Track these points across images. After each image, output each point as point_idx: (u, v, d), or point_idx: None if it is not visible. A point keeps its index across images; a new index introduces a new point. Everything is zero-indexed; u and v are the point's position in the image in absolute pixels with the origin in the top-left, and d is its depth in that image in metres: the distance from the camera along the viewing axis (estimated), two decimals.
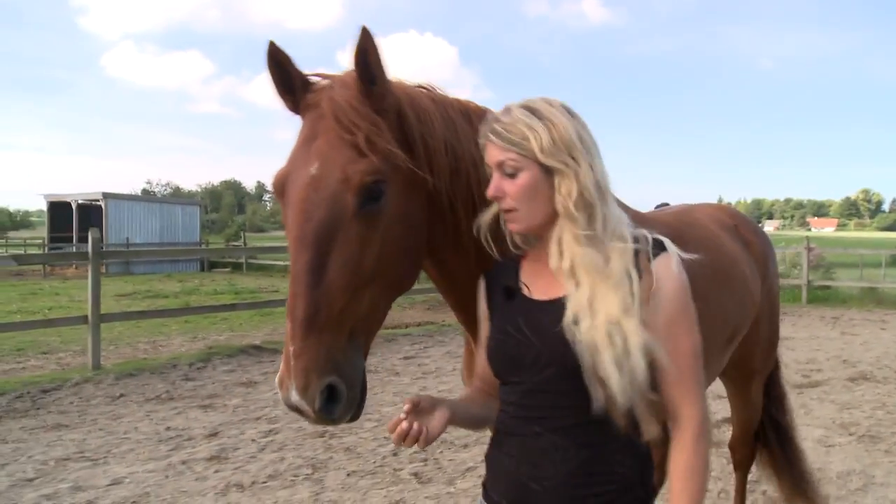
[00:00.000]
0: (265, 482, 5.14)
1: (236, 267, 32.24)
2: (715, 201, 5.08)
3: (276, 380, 1.65)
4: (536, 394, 1.67)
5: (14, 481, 5.17)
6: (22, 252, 35.49)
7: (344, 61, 1.87)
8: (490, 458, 1.80)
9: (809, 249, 18.46)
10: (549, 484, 1.63)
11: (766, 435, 3.98)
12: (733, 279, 3.09)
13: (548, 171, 1.65)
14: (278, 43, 1.79)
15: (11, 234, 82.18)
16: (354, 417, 1.72)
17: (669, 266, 1.67)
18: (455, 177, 1.92)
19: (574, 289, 1.62)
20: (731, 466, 4.31)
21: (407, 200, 1.81)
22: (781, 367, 4.07)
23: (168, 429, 6.54)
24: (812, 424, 6.70)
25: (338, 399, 1.63)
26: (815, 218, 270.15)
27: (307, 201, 1.69)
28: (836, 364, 9.84)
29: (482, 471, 2.35)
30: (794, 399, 7.47)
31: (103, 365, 9.16)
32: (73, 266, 31.61)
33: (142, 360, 9.74)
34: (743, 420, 3.90)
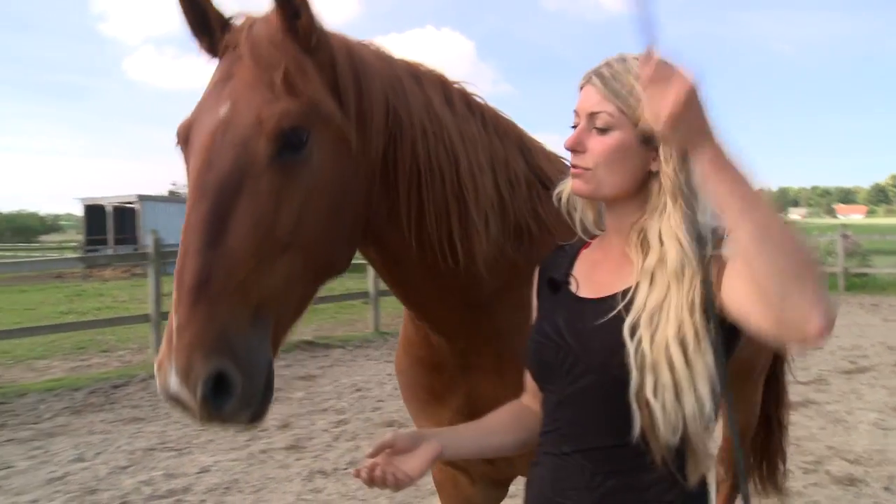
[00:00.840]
0: (346, 469, 5.40)
1: None
2: None
3: (155, 363, 1.35)
4: (568, 406, 1.46)
5: (111, 469, 5.48)
6: (73, 255, 36.28)
7: None
8: (527, 478, 1.61)
9: (845, 237, 18.44)
10: None
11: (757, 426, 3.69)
12: None
13: (646, 141, 1.41)
14: None
15: (42, 237, 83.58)
16: (256, 418, 1.42)
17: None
18: (395, 143, 1.69)
19: (646, 289, 1.38)
20: None
21: (336, 159, 1.55)
22: (788, 363, 3.84)
23: None
24: (865, 408, 6.84)
25: (229, 391, 1.31)
26: (843, 205, 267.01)
27: (212, 148, 1.43)
28: (881, 350, 9.94)
29: None
30: (844, 384, 7.70)
31: None
32: (111, 268, 32.22)
33: None
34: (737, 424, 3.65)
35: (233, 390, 1.30)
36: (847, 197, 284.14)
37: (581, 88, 1.50)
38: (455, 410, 2.06)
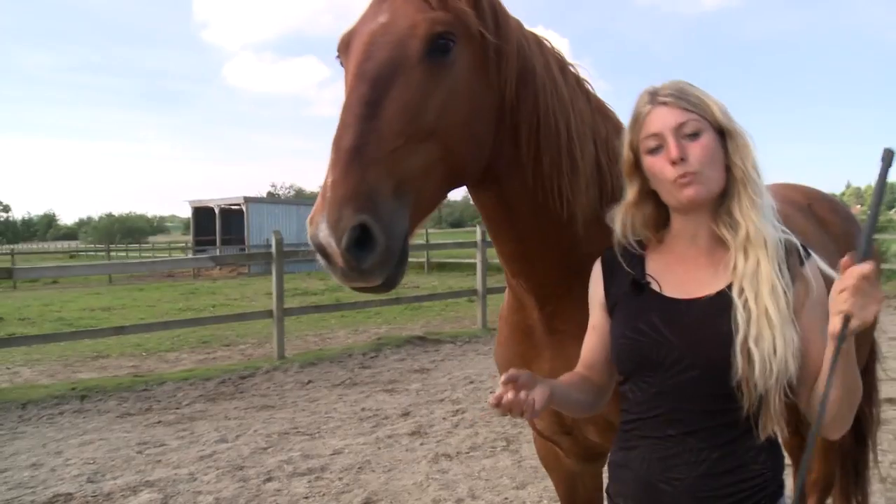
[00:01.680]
0: (468, 452, 5.76)
1: None
2: (843, 187, 4.88)
3: (308, 217, 1.48)
4: (670, 395, 1.63)
5: (252, 449, 6.01)
6: (183, 256, 38.21)
7: None
8: (614, 464, 1.78)
9: None
10: (682, 485, 1.61)
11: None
12: None
13: (721, 136, 1.63)
14: None
15: (150, 238, 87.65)
16: (388, 285, 1.54)
17: (818, 273, 1.65)
18: (522, 86, 1.86)
19: (742, 259, 1.58)
20: None
21: (476, 73, 1.74)
22: (878, 359, 3.73)
23: (364, 409, 7.29)
24: None
25: (371, 246, 1.44)
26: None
27: (371, 44, 1.63)
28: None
29: None
30: None
31: (286, 355, 10.10)
32: (219, 268, 33.78)
33: (318, 351, 10.66)
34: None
35: (373, 246, 1.44)
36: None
37: (648, 114, 1.66)
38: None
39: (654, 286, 1.70)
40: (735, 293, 1.56)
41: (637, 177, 1.73)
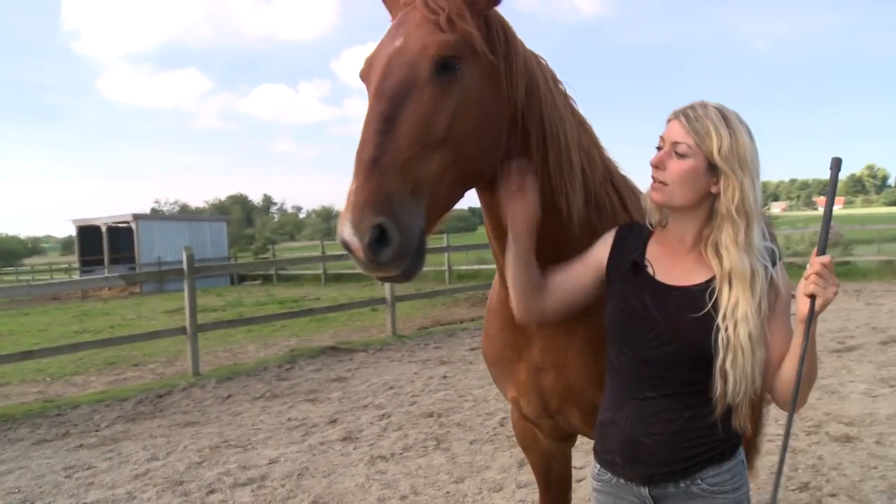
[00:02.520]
0: (402, 453, 6.02)
1: (266, 279, 33.20)
2: None
3: (338, 219, 1.73)
4: (651, 364, 1.92)
5: (187, 465, 6.07)
6: (113, 275, 36.51)
7: (338, 69, 2.12)
8: (601, 425, 2.06)
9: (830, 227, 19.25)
10: (659, 439, 1.91)
11: None
12: None
13: (712, 170, 1.86)
14: None
15: (26, 260, 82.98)
16: (407, 275, 1.78)
17: (783, 276, 1.94)
18: (530, 96, 2.10)
19: (727, 291, 1.84)
20: None
21: (484, 86, 1.96)
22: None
23: (289, 419, 7.42)
24: (856, 381, 7.54)
25: (388, 242, 1.68)
26: (822, 197, 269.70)
27: (388, 66, 1.87)
28: (866, 331, 10.68)
29: None
30: (834, 361, 8.42)
31: (201, 371, 10.05)
32: (108, 288, 32.57)
33: (233, 366, 10.63)
34: None
35: (391, 242, 1.68)
36: (826, 189, 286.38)
37: (669, 121, 1.94)
38: (530, 365, 2.52)
39: (650, 269, 1.98)
40: (719, 319, 1.84)
41: None
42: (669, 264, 1.97)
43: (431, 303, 17.80)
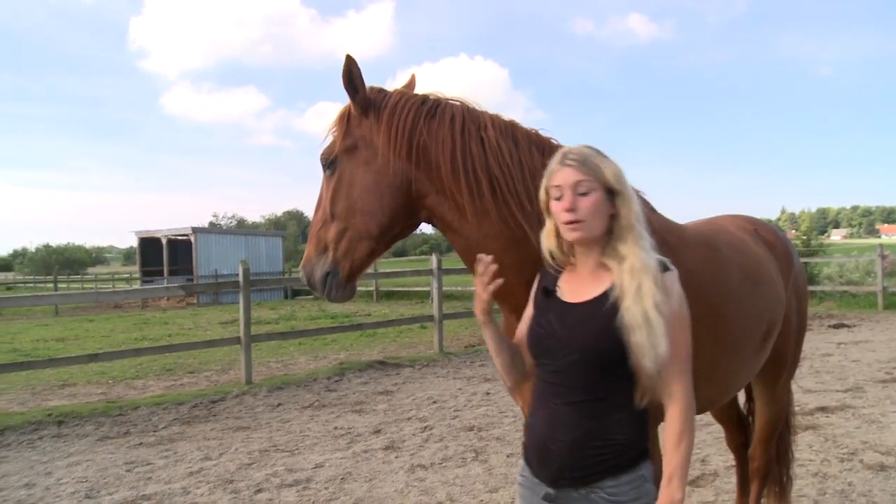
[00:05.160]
0: (441, 463, 6.27)
1: None
2: (777, 213, 5.50)
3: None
4: (558, 374, 2.10)
5: (238, 465, 6.41)
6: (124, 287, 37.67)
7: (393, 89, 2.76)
8: (527, 425, 2.26)
9: (883, 257, 18.93)
10: (563, 445, 2.07)
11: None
12: (762, 279, 3.36)
13: (609, 195, 2.09)
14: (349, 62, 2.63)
15: (90, 269, 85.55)
16: (331, 299, 2.74)
17: (675, 281, 2.11)
18: (420, 154, 2.59)
19: (629, 280, 2.02)
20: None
21: (350, 172, 2.66)
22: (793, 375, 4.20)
23: (336, 428, 7.74)
24: None
25: (307, 284, 2.78)
26: (886, 225, 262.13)
27: None
28: None
29: None
30: (879, 392, 8.38)
31: (253, 380, 10.46)
32: (166, 299, 33.60)
33: (283, 376, 11.03)
34: (767, 418, 4.00)
35: (307, 284, 2.79)
36: (890, 216, 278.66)
37: (556, 172, 2.12)
38: None
39: (558, 293, 2.20)
40: (622, 304, 2.02)
41: (550, 214, 2.19)
42: (575, 287, 2.18)
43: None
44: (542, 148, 2.66)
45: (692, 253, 2.93)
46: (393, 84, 2.84)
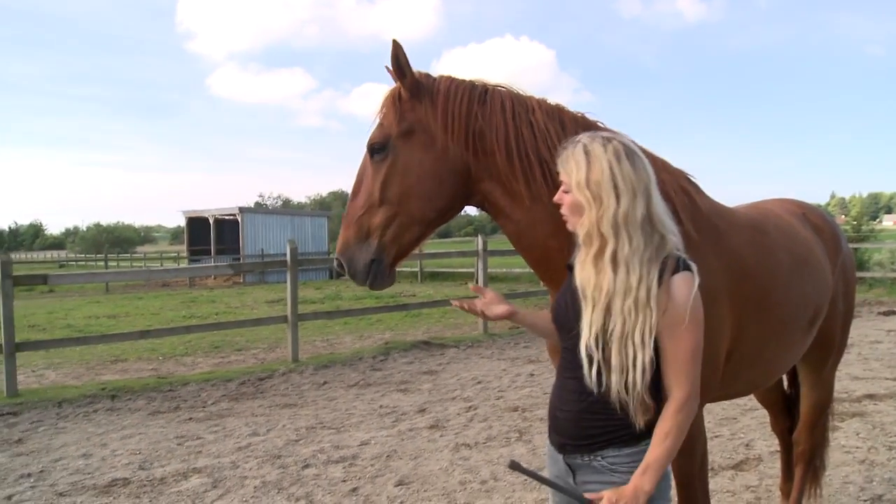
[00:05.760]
0: (485, 443, 6.31)
1: None
2: (827, 197, 5.36)
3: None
4: (569, 350, 2.19)
5: (285, 441, 6.53)
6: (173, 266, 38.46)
7: (439, 69, 2.77)
8: (551, 394, 2.39)
9: None
10: (569, 415, 2.20)
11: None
12: (810, 263, 3.35)
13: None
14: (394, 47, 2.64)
15: (139, 248, 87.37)
16: (371, 287, 2.68)
17: (684, 283, 2.03)
18: (476, 140, 2.60)
19: (586, 304, 2.08)
20: None
21: (407, 157, 2.61)
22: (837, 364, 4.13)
23: (381, 406, 7.82)
24: None
25: (343, 270, 2.70)
26: None
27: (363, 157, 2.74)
28: None
29: None
30: None
31: (299, 358, 10.62)
32: (213, 277, 34.20)
33: (329, 355, 11.18)
34: (813, 402, 3.99)
35: (344, 270, 2.70)
36: None
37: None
38: None
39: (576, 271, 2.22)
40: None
41: None
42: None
43: (525, 303, 17.96)
44: (588, 130, 2.65)
45: (741, 236, 2.95)
46: (438, 67, 2.88)
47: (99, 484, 5.51)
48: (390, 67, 2.62)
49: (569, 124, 2.66)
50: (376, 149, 2.65)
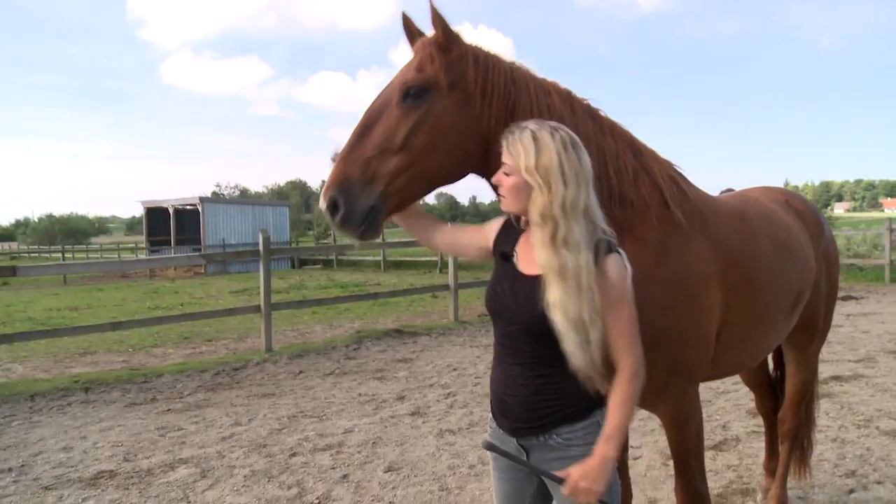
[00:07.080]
0: (468, 428, 6.40)
1: (326, 263, 33.96)
2: (780, 185, 5.51)
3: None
4: (509, 337, 2.28)
5: (269, 430, 6.55)
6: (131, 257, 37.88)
7: (396, 59, 2.57)
8: (490, 380, 2.43)
9: (891, 230, 19.00)
10: (517, 399, 2.25)
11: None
12: (792, 248, 3.44)
13: (527, 183, 2.17)
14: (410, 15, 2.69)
15: (93, 240, 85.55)
16: (361, 236, 2.44)
17: (615, 262, 2.14)
18: (512, 115, 2.52)
19: (546, 285, 2.11)
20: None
21: (443, 112, 2.48)
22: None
23: (360, 395, 7.87)
24: None
25: (336, 210, 2.39)
26: (889, 199, 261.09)
27: (379, 93, 2.56)
28: None
29: None
30: (891, 361, 8.52)
31: (273, 348, 10.60)
32: (174, 268, 33.73)
33: (301, 344, 11.18)
34: (797, 382, 4.12)
35: (338, 210, 2.40)
36: (893, 190, 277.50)
37: (502, 150, 2.27)
38: None
39: (514, 259, 2.31)
40: (545, 306, 2.12)
41: None
42: (529, 256, 2.27)
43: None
44: (593, 116, 2.77)
45: (725, 224, 3.05)
46: (395, 56, 2.85)
47: (84, 477, 5.48)
48: (434, 17, 2.53)
49: (577, 108, 2.72)
50: (412, 93, 2.48)
